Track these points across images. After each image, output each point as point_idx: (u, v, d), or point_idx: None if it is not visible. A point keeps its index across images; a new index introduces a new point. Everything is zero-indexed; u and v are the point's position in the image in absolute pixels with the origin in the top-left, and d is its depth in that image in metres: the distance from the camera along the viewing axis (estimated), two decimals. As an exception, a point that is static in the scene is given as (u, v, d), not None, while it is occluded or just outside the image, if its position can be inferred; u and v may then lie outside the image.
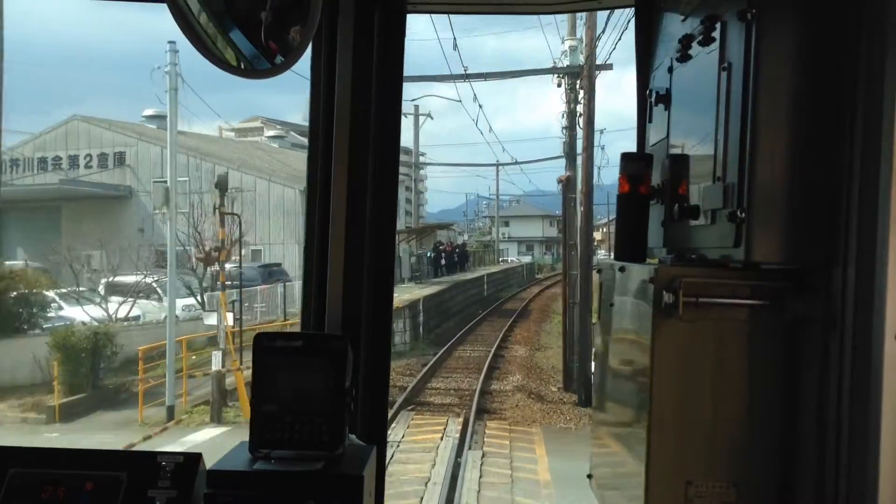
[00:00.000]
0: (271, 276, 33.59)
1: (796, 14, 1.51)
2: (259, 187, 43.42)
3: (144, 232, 35.60)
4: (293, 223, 43.11)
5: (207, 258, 22.80)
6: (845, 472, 1.44)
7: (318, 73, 2.06)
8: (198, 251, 27.57)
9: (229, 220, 22.23)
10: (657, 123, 2.16)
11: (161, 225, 31.41)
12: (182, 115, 39.93)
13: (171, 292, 20.51)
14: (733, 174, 1.56)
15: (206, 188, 36.70)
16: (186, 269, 29.87)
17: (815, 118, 1.50)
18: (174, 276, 21.30)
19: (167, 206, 19.98)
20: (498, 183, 78.92)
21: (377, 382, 2.07)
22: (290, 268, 36.31)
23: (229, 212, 21.68)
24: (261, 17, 1.64)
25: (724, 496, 1.63)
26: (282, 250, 42.49)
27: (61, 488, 1.73)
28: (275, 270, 35.63)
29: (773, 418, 1.62)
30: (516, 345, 26.91)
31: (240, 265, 23.09)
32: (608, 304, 2.11)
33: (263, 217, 43.34)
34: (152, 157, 41.42)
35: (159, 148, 38.57)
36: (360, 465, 1.77)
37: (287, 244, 42.73)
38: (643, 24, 2.31)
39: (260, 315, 29.60)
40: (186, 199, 32.20)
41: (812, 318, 1.53)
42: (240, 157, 45.38)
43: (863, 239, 1.41)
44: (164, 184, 20.47)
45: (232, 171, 41.41)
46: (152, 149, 41.35)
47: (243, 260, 37.55)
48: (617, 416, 2.02)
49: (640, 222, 1.89)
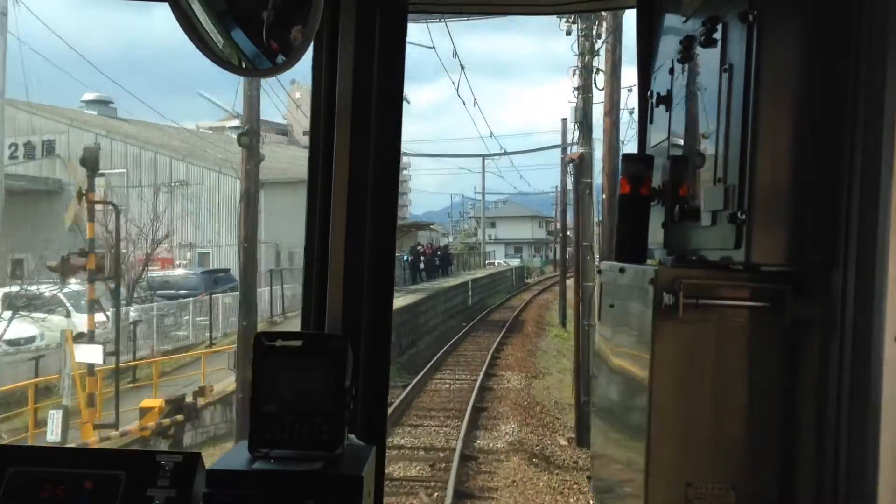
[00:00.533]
0: (217, 284, 28.78)
1: (798, 15, 1.52)
2: (208, 180, 37.53)
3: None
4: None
5: (66, 267, 15.19)
6: (844, 473, 1.44)
7: (319, 73, 2.06)
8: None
9: (114, 212, 17.24)
10: (658, 124, 2.16)
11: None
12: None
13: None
14: (734, 176, 1.56)
15: (146, 181, 33.61)
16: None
17: (815, 120, 1.50)
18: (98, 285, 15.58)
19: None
20: (484, 178, 72.06)
21: (377, 382, 2.08)
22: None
23: (102, 200, 16.43)
24: (262, 17, 1.65)
25: (723, 498, 1.63)
26: (233, 253, 37.23)
27: (60, 487, 1.72)
28: (221, 277, 30.15)
29: (773, 420, 1.63)
30: (508, 370, 21.82)
31: (112, 275, 15.27)
32: (609, 305, 2.11)
33: (213, 214, 37.55)
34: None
35: (95, 136, 35.15)
36: (359, 466, 1.76)
37: (236, 246, 39.64)
38: (644, 26, 2.32)
39: (193, 333, 25.18)
40: (121, 193, 28.09)
41: (812, 320, 1.54)
42: (188, 147, 39.90)
43: (863, 241, 1.41)
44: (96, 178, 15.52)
45: (176, 162, 37.52)
46: (86, 136, 35.52)
47: (188, 264, 34.32)
48: (617, 418, 2.03)
49: (641, 223, 1.90)
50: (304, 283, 2.15)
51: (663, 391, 1.65)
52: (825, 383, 1.50)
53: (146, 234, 28.19)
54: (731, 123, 1.59)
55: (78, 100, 42.30)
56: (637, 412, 1.75)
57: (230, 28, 1.65)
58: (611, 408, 2.09)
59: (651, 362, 1.65)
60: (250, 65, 1.70)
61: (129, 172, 33.13)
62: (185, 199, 35.85)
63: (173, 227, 27.88)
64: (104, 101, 39.46)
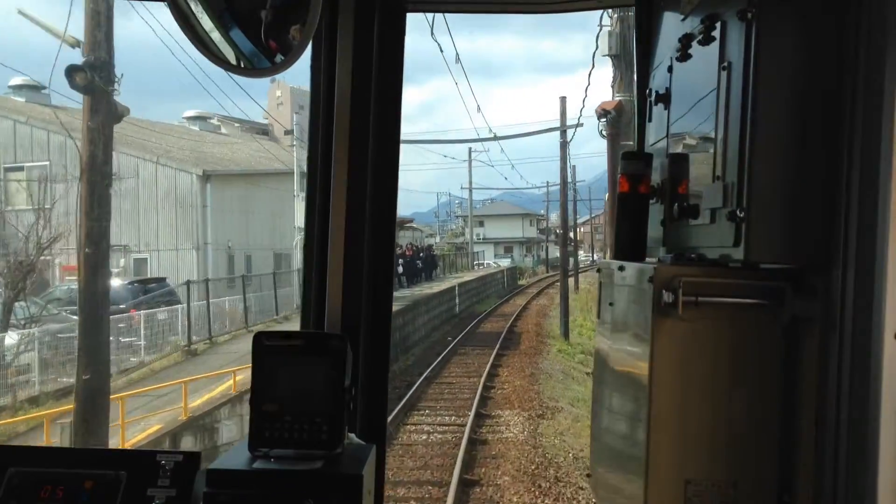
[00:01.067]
0: (149, 296, 24.12)
1: (796, 13, 1.52)
2: (144, 172, 31.58)
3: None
4: (189, 221, 31.70)
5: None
6: (844, 471, 1.44)
7: (318, 72, 2.06)
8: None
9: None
10: (657, 123, 2.17)
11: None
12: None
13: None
14: (733, 173, 1.56)
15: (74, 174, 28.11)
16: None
17: (814, 118, 1.50)
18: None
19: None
20: (470, 170, 65.37)
21: (377, 382, 2.08)
22: (183, 283, 24.57)
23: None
24: (261, 16, 1.65)
25: (722, 495, 1.63)
26: (174, 259, 31.57)
27: (60, 487, 1.72)
28: (154, 288, 25.42)
29: (772, 418, 1.63)
30: (506, 407, 16.82)
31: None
32: (608, 304, 2.12)
33: (150, 213, 31.89)
34: (4, 137, 31.38)
35: (21, 125, 31.16)
36: (359, 465, 1.77)
37: (182, 250, 31.74)
38: (643, 24, 2.32)
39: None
40: (43, 188, 24.22)
41: (811, 318, 1.54)
42: (118, 135, 34.62)
43: (862, 239, 1.41)
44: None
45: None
46: (4, 124, 31.81)
47: (123, 272, 28.10)
48: (616, 415, 2.03)
49: (640, 221, 1.91)
50: (304, 283, 2.16)
51: (662, 389, 1.65)
52: (824, 381, 1.50)
53: (58, 235, 22.87)
54: (730, 121, 1.60)
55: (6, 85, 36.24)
56: (636, 410, 1.75)
57: (229, 27, 1.66)
58: (610, 406, 2.09)
59: (650, 360, 1.65)
60: (249, 64, 1.70)
61: (51, 165, 28.09)
62: (118, 195, 30.27)
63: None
64: (34, 86, 32.63)
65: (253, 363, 1.80)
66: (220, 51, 1.66)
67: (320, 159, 2.06)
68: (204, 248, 31.88)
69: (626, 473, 1.86)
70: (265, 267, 33.39)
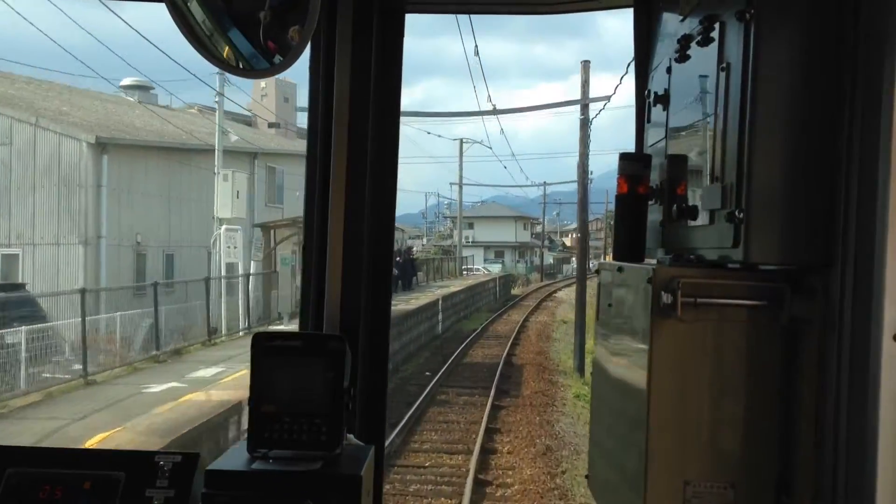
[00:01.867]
0: (2, 309, 16.80)
1: (795, 14, 1.52)
2: (20, 138, 23.08)
3: None
4: (77, 205, 22.89)
5: None
6: (843, 473, 1.44)
7: (317, 73, 2.06)
8: None
9: None
10: (656, 124, 2.17)
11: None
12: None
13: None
14: (732, 174, 1.57)
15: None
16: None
17: (813, 118, 1.50)
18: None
19: None
20: (461, 164, 57.10)
21: (375, 383, 2.08)
22: (63, 288, 19.07)
23: None
24: (259, 17, 1.65)
25: (721, 497, 1.63)
26: (54, 255, 22.91)
27: (59, 488, 1.73)
28: (11, 300, 17.73)
29: (772, 419, 1.63)
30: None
31: None
32: (607, 305, 2.12)
33: (25, 193, 23.12)
34: None
35: None
36: (358, 465, 1.77)
37: (66, 245, 22.97)
38: (641, 25, 2.33)
39: None
40: None
41: (810, 319, 1.54)
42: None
43: (861, 239, 1.41)
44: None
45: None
46: None
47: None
48: (615, 417, 2.03)
49: (639, 223, 1.91)
50: (303, 283, 2.16)
51: (661, 390, 1.65)
52: (824, 382, 1.50)
53: None
54: (729, 122, 1.60)
55: None
56: (635, 411, 1.75)
57: (227, 28, 1.66)
58: (609, 407, 2.09)
59: (649, 361, 1.65)
60: (247, 65, 1.70)
61: None
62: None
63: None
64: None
65: (252, 364, 1.80)
66: (218, 51, 1.66)
67: (319, 160, 2.06)
68: (96, 242, 23.35)
69: (624, 474, 1.86)
70: (196, 270, 25.22)
